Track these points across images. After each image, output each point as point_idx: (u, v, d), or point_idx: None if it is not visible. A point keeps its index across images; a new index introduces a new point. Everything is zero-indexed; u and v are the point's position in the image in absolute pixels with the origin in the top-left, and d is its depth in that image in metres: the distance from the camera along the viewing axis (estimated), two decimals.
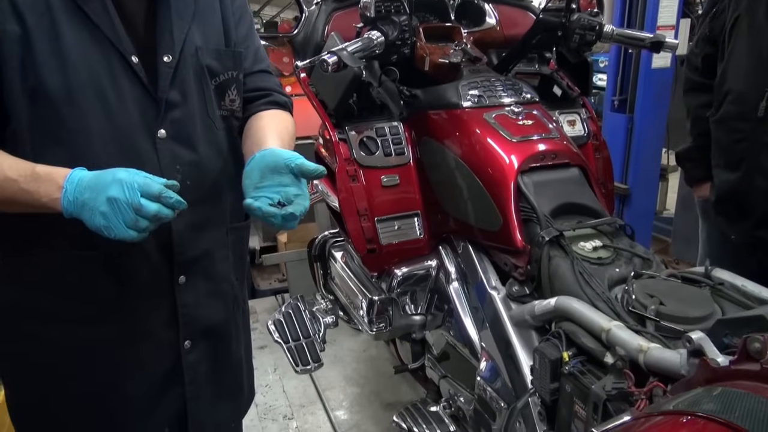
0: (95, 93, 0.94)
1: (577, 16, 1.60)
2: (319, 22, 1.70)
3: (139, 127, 0.98)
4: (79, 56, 0.92)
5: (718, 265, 1.20)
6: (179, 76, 1.01)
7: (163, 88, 0.99)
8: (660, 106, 3.03)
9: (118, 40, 0.95)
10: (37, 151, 0.92)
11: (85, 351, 1.03)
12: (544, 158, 1.41)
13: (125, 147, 0.97)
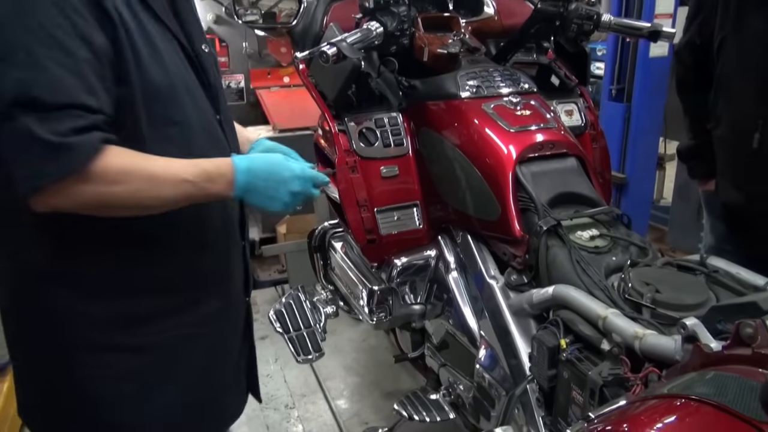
0: (185, 86, 1.01)
1: (575, 6, 1.60)
2: (317, 13, 1.70)
3: (212, 115, 1.08)
4: (167, 52, 0.98)
5: (722, 256, 1.22)
6: (214, 64, 1.12)
7: (213, 75, 1.09)
8: (657, 95, 3.04)
9: (180, 33, 1.03)
10: (151, 152, 0.95)
11: (204, 332, 1.12)
12: (542, 148, 1.42)
13: (213, 135, 1.08)
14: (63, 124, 0.84)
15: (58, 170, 0.86)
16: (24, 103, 0.83)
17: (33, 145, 0.83)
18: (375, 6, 1.46)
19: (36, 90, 0.83)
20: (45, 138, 0.83)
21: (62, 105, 0.84)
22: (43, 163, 0.85)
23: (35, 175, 0.86)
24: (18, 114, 0.83)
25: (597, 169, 1.71)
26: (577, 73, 1.80)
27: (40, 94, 0.83)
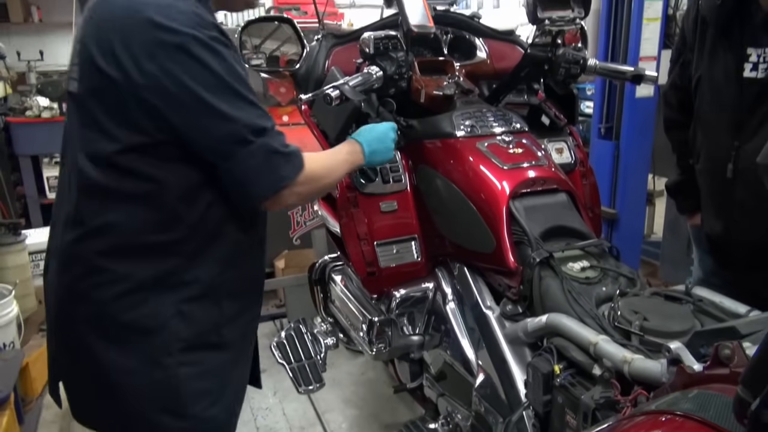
0: None
1: (563, 51, 1.70)
2: (320, 57, 1.79)
3: None
4: None
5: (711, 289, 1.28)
6: None
7: None
8: (645, 134, 3.14)
9: None
10: None
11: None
12: (533, 184, 1.50)
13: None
14: (280, 139, 1.15)
15: (292, 171, 1.15)
16: (257, 131, 1.10)
17: (273, 156, 1.12)
18: (375, 52, 1.56)
19: (260, 121, 1.11)
20: (280, 149, 1.13)
21: (273, 126, 1.14)
22: (282, 168, 1.14)
23: (278, 179, 1.14)
24: (255, 138, 1.10)
25: (587, 204, 1.79)
26: (566, 113, 1.89)
27: (263, 123, 1.12)
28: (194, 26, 1.05)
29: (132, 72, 1.03)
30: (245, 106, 1.10)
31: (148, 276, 1.12)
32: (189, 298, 1.15)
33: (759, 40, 1.46)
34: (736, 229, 1.61)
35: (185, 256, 1.14)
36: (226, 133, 1.09)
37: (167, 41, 1.03)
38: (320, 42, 1.83)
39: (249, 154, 1.10)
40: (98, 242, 1.11)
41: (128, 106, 1.05)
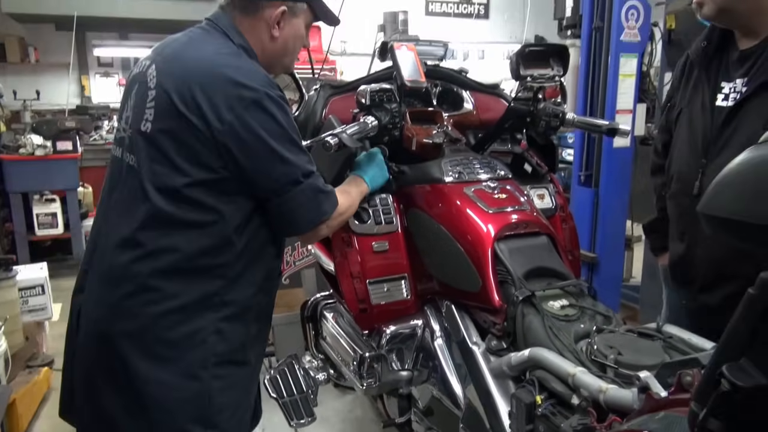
0: None
1: (543, 105, 1.84)
2: (318, 106, 1.91)
3: None
4: None
5: (678, 326, 1.38)
6: None
7: None
8: (622, 182, 3.29)
9: None
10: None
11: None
12: (517, 227, 1.61)
13: None
14: (321, 180, 1.39)
15: (331, 207, 1.40)
16: (307, 174, 1.34)
17: (318, 194, 1.36)
18: (371, 103, 1.68)
19: (309, 165, 1.35)
20: (323, 189, 1.38)
21: (317, 170, 1.38)
22: (324, 204, 1.38)
23: (320, 214, 1.38)
24: (305, 180, 1.33)
25: (567, 247, 1.89)
26: (548, 162, 2.01)
27: (311, 168, 1.36)
28: (266, 85, 1.29)
29: (211, 119, 1.23)
30: (299, 153, 1.33)
31: (196, 296, 1.26)
32: (226, 318, 1.29)
33: (731, 75, 1.58)
34: (698, 246, 1.66)
35: (229, 278, 1.30)
36: (284, 174, 1.31)
37: (245, 96, 1.26)
38: (318, 91, 1.95)
39: (300, 192, 1.33)
40: (154, 263, 1.24)
41: (201, 146, 1.24)
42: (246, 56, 1.37)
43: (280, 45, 1.44)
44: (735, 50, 1.60)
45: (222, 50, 1.34)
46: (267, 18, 1.40)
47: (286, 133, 1.31)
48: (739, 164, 0.52)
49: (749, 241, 0.54)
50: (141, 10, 5.33)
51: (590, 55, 3.18)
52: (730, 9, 1.49)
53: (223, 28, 1.40)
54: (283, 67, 1.54)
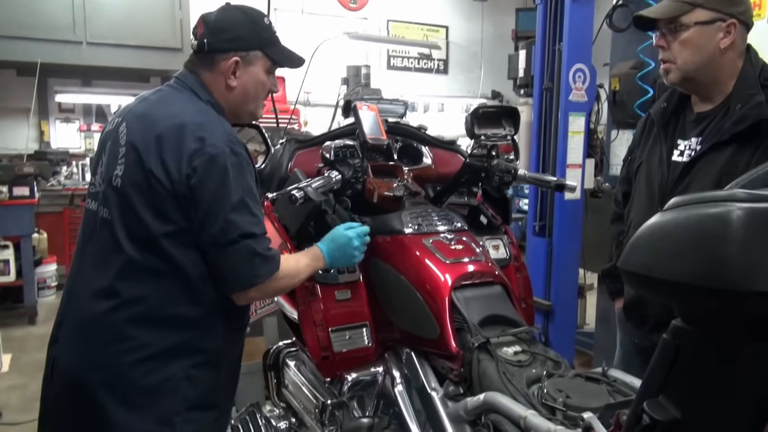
0: None
1: (497, 162, 1.96)
2: (284, 159, 1.99)
3: None
4: None
5: (630, 368, 1.47)
6: None
7: None
8: (574, 232, 3.44)
9: None
10: None
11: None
12: (472, 277, 1.69)
13: None
14: (265, 244, 1.40)
15: (268, 271, 1.40)
16: (246, 235, 1.35)
17: (255, 257, 1.36)
18: (335, 158, 1.77)
19: (251, 227, 1.36)
20: (262, 252, 1.38)
21: (262, 233, 1.40)
22: (259, 268, 1.38)
23: (254, 276, 1.37)
24: (243, 240, 1.34)
25: (520, 296, 1.99)
26: (502, 214, 2.13)
27: (253, 229, 1.37)
28: (227, 143, 1.36)
29: (173, 173, 1.30)
30: (245, 214, 1.37)
31: (168, 343, 1.31)
32: (197, 364, 1.34)
33: (687, 134, 1.74)
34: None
35: (199, 326, 1.35)
36: (223, 230, 1.34)
37: (205, 151, 1.33)
38: (284, 145, 2.03)
39: (235, 251, 1.34)
40: (129, 312, 1.30)
41: (165, 200, 1.30)
42: (214, 112, 1.46)
43: (239, 94, 1.52)
44: (691, 112, 1.77)
45: (188, 108, 1.42)
46: (223, 69, 1.49)
47: (236, 192, 1.35)
48: (647, 227, 0.62)
49: (658, 293, 0.63)
50: (105, 57, 5.39)
51: (542, 113, 3.38)
52: (692, 78, 1.67)
53: (191, 86, 1.49)
54: (250, 115, 1.61)
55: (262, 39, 1.52)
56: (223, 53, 1.48)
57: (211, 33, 1.49)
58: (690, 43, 1.62)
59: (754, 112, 1.57)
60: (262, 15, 1.56)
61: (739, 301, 0.56)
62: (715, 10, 1.60)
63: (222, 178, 1.33)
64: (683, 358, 0.65)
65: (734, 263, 0.55)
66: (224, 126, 1.42)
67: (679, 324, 0.65)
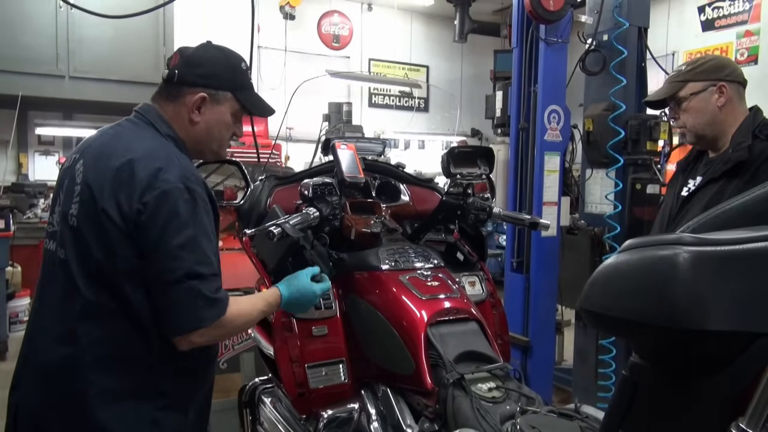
0: None
1: (472, 200, 2.01)
2: (262, 195, 2.01)
3: None
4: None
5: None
6: None
7: None
8: (551, 268, 3.48)
9: None
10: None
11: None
12: (448, 313, 1.71)
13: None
14: (213, 285, 1.32)
15: (213, 315, 1.31)
16: (191, 275, 1.27)
17: (199, 299, 1.28)
18: (313, 195, 1.80)
19: (199, 267, 1.29)
20: (207, 295, 1.29)
21: (212, 274, 1.32)
22: (204, 311, 1.29)
23: (197, 320, 1.29)
24: (188, 280, 1.27)
25: (496, 332, 2.01)
26: (478, 251, 2.17)
27: (201, 270, 1.29)
28: (182, 179, 1.31)
29: (125, 209, 1.27)
30: (194, 252, 1.29)
31: (130, 387, 1.27)
32: (163, 407, 1.30)
33: (696, 174, 2.05)
34: None
35: (159, 368, 1.30)
36: (168, 269, 1.27)
37: (156, 187, 1.29)
38: (264, 182, 2.06)
39: (178, 292, 1.28)
40: (88, 355, 1.25)
41: (117, 237, 1.27)
42: (173, 146, 1.42)
43: (202, 130, 1.48)
44: (707, 157, 2.08)
45: (144, 143, 1.37)
46: (188, 103, 1.45)
47: (187, 230, 1.29)
48: (604, 267, 0.66)
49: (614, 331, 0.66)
50: (88, 91, 5.41)
51: (518, 152, 3.46)
52: (702, 135, 2.01)
53: (151, 119, 1.45)
54: (212, 153, 1.57)
55: (235, 82, 1.50)
56: (191, 86, 1.45)
57: (185, 65, 1.46)
58: (692, 110, 1.97)
59: (737, 154, 1.87)
60: (241, 59, 1.55)
61: (689, 339, 0.59)
62: (703, 80, 1.95)
63: (172, 215, 1.28)
64: (641, 394, 0.67)
65: (682, 304, 0.58)
66: (181, 161, 1.37)
67: (636, 360, 0.67)
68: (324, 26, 8.29)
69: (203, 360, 1.43)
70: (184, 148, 1.46)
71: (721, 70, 1.96)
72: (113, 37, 5.43)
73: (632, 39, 3.35)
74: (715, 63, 2.00)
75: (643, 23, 3.41)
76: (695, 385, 0.65)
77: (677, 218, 2.02)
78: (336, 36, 8.28)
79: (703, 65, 1.98)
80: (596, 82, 3.47)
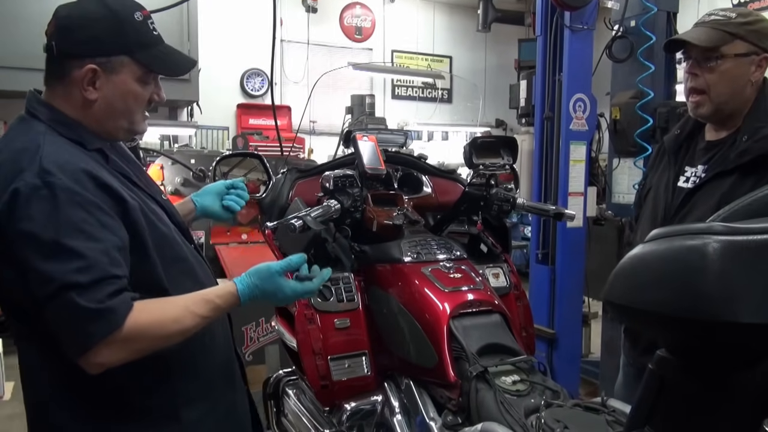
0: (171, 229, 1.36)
1: (495, 191, 1.98)
2: (284, 188, 2.02)
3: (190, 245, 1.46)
4: (155, 209, 1.34)
5: (630, 391, 1.47)
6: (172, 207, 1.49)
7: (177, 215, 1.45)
8: (577, 260, 3.44)
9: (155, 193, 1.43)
10: (173, 290, 1.26)
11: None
12: (471, 305, 1.69)
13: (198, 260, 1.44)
14: (100, 293, 1.07)
15: (104, 329, 1.07)
16: (65, 286, 1.05)
17: (78, 312, 1.05)
18: (334, 188, 1.79)
19: (73, 276, 1.05)
20: (88, 306, 1.05)
21: (94, 279, 1.07)
22: (90, 326, 1.06)
23: (86, 337, 1.07)
24: (62, 293, 1.05)
25: (521, 324, 1.98)
26: (502, 243, 2.14)
27: (77, 279, 1.06)
28: (37, 174, 1.08)
29: None
30: (63, 260, 1.06)
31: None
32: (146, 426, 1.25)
33: (695, 161, 1.78)
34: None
35: (110, 392, 1.23)
36: (36, 286, 1.06)
37: (7, 191, 1.08)
38: (285, 175, 2.06)
39: (57, 309, 1.06)
40: (32, 390, 1.24)
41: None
42: (57, 134, 1.18)
43: (102, 108, 1.22)
44: (702, 140, 1.81)
45: (12, 140, 1.17)
46: (76, 79, 1.19)
47: (46, 234, 1.06)
48: (629, 258, 0.63)
49: (640, 323, 0.64)
50: None
51: (543, 142, 3.41)
52: (721, 109, 1.70)
53: (31, 109, 1.22)
54: (125, 131, 1.29)
55: (128, 41, 1.21)
56: (75, 59, 1.19)
57: (61, 32, 1.19)
58: (727, 75, 1.63)
59: (758, 145, 1.59)
60: (133, 8, 1.24)
61: (718, 332, 0.57)
62: (752, 43, 1.63)
63: (24, 219, 1.06)
64: (668, 388, 0.65)
65: (711, 295, 0.56)
66: (45, 149, 1.12)
67: (663, 354, 0.65)
68: (346, 19, 8.28)
69: (156, 398, 1.26)
70: (84, 132, 1.22)
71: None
72: None
73: (661, 24, 3.26)
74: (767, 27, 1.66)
75: (672, 7, 3.32)
76: (726, 380, 0.62)
77: (678, 216, 1.74)
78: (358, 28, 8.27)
79: (758, 24, 1.64)
80: (623, 70, 3.40)
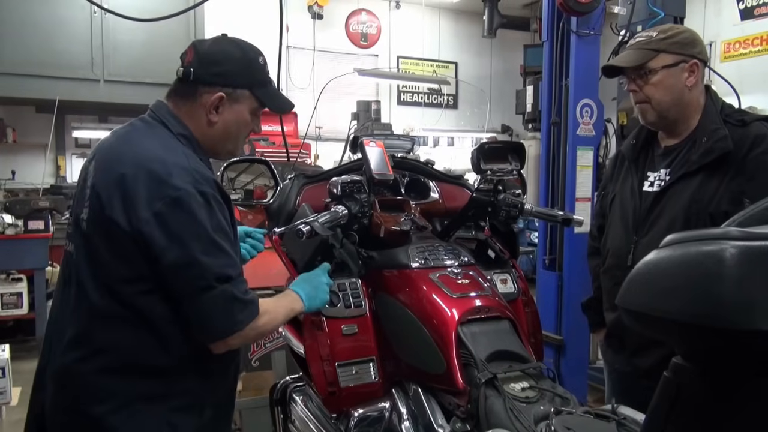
0: None
1: (503, 196, 1.97)
2: (291, 194, 2.01)
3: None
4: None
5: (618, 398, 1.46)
6: None
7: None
8: (584, 266, 3.40)
9: None
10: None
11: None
12: (479, 312, 1.68)
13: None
14: (243, 286, 1.32)
15: (247, 317, 1.31)
16: (220, 279, 1.26)
17: (234, 302, 1.27)
18: (341, 193, 1.79)
19: (227, 270, 1.28)
20: (240, 297, 1.29)
21: (238, 275, 1.31)
22: (237, 315, 1.29)
23: (233, 323, 1.28)
24: (218, 285, 1.26)
25: (529, 330, 1.97)
26: (510, 248, 2.13)
27: (229, 272, 1.28)
28: (193, 183, 1.27)
29: (132, 216, 1.24)
30: (218, 256, 1.27)
31: (143, 391, 1.25)
32: (177, 408, 1.28)
33: (656, 166, 1.89)
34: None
35: (176, 371, 1.28)
36: (196, 277, 1.25)
37: (166, 194, 1.25)
38: (292, 180, 2.06)
39: (211, 299, 1.26)
40: (99, 361, 1.25)
41: (125, 244, 1.24)
42: (184, 146, 1.37)
43: (219, 130, 1.44)
44: (658, 147, 1.92)
45: (153, 145, 1.33)
46: (205, 103, 1.40)
47: (206, 234, 1.26)
48: (644, 264, 0.62)
49: (656, 331, 0.63)
50: (120, 94, 5.53)
51: (549, 148, 3.40)
52: (665, 116, 1.84)
53: (162, 117, 1.40)
54: (228, 152, 1.54)
55: (253, 78, 1.46)
56: (207, 86, 1.40)
57: (200, 63, 1.41)
58: (661, 85, 1.78)
59: (719, 145, 1.71)
60: (258, 54, 1.49)
61: (736, 339, 0.56)
62: (676, 53, 1.77)
63: (187, 221, 1.24)
64: (684, 396, 0.64)
65: (729, 301, 0.55)
66: (191, 163, 1.32)
67: (679, 361, 0.64)
68: (352, 25, 8.30)
69: (221, 360, 1.39)
70: (197, 147, 1.42)
71: (694, 46, 1.79)
72: (146, 41, 5.53)
73: None
74: (690, 36, 1.81)
75: (678, 13, 3.32)
76: (742, 388, 0.61)
77: (649, 219, 1.84)
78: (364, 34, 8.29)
79: (677, 36, 1.79)
80: None
